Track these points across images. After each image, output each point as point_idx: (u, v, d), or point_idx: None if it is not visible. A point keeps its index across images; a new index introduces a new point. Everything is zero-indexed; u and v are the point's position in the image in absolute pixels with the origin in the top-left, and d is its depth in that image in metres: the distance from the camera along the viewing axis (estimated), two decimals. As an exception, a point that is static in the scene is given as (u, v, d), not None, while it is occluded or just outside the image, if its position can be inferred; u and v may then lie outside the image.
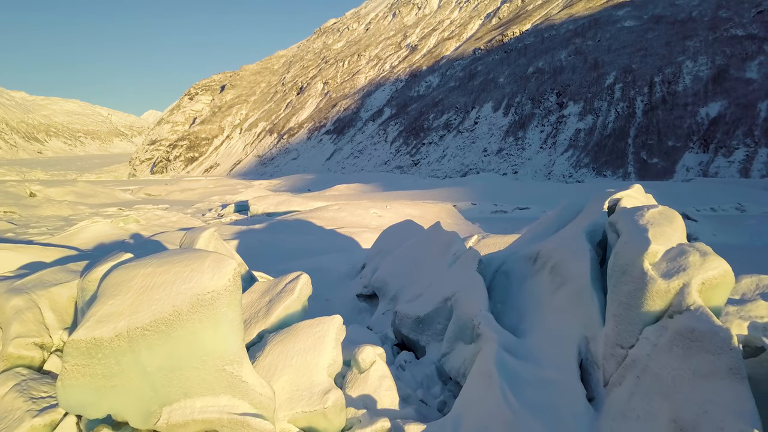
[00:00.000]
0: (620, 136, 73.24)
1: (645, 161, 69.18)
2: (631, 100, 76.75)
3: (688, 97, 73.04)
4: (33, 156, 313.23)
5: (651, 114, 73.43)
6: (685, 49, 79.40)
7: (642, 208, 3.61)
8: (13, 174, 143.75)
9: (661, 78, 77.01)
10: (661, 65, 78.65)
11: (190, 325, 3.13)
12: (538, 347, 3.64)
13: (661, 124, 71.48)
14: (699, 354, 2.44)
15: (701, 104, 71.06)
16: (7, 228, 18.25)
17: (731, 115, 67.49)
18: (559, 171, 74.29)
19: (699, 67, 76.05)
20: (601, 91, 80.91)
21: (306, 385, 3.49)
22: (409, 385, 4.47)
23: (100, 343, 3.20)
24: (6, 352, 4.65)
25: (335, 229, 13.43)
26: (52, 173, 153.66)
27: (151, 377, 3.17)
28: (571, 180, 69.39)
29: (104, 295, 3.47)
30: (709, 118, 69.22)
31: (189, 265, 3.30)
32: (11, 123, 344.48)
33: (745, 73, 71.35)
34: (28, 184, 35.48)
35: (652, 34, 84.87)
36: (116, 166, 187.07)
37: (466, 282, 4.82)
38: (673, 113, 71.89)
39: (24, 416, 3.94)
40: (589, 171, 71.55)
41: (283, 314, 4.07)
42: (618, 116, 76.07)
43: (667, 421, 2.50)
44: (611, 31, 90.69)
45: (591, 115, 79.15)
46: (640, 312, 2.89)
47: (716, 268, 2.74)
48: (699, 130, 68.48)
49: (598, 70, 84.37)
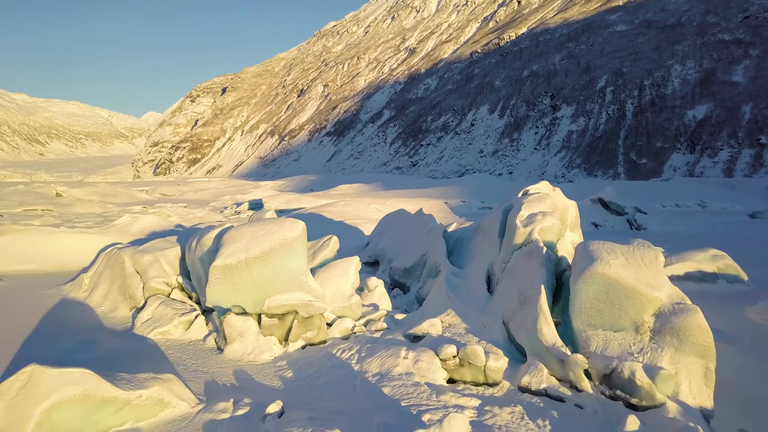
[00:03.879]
0: (611, 138, 75.87)
1: (634, 162, 71.72)
2: (621, 103, 79.44)
3: (676, 99, 75.57)
4: (35, 158, 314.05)
5: (640, 116, 76.05)
6: (674, 53, 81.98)
7: (529, 193, 6.42)
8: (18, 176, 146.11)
9: (650, 81, 79.68)
10: (651, 69, 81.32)
11: (279, 255, 5.89)
12: (469, 271, 6.45)
13: (650, 126, 74.09)
14: (530, 260, 5.22)
15: (689, 107, 73.57)
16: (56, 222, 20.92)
17: (717, 117, 69.79)
18: (553, 171, 76.85)
19: (687, 70, 78.58)
20: (593, 94, 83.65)
21: (339, 293, 6.26)
22: (398, 305, 7.25)
23: (230, 266, 5.98)
24: (148, 286, 7.46)
25: (343, 221, 16.25)
26: (57, 175, 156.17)
27: (258, 283, 5.94)
28: (562, 180, 71.90)
29: (227, 243, 6.26)
30: (695, 120, 71.54)
31: (277, 225, 6.05)
32: (13, 125, 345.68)
33: (731, 76, 73.81)
34: (54, 185, 38.21)
35: (643, 39, 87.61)
36: (119, 167, 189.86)
37: (435, 244, 7.62)
38: (662, 115, 74.47)
39: (173, 316, 6.73)
40: (580, 171, 74.16)
41: (323, 258, 6.84)
42: (609, 118, 78.75)
43: (516, 294, 5.27)
44: (603, 35, 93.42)
45: (583, 118, 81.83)
46: (512, 244, 5.68)
47: (547, 222, 5.53)
48: (686, 131, 70.88)
49: (590, 74, 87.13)
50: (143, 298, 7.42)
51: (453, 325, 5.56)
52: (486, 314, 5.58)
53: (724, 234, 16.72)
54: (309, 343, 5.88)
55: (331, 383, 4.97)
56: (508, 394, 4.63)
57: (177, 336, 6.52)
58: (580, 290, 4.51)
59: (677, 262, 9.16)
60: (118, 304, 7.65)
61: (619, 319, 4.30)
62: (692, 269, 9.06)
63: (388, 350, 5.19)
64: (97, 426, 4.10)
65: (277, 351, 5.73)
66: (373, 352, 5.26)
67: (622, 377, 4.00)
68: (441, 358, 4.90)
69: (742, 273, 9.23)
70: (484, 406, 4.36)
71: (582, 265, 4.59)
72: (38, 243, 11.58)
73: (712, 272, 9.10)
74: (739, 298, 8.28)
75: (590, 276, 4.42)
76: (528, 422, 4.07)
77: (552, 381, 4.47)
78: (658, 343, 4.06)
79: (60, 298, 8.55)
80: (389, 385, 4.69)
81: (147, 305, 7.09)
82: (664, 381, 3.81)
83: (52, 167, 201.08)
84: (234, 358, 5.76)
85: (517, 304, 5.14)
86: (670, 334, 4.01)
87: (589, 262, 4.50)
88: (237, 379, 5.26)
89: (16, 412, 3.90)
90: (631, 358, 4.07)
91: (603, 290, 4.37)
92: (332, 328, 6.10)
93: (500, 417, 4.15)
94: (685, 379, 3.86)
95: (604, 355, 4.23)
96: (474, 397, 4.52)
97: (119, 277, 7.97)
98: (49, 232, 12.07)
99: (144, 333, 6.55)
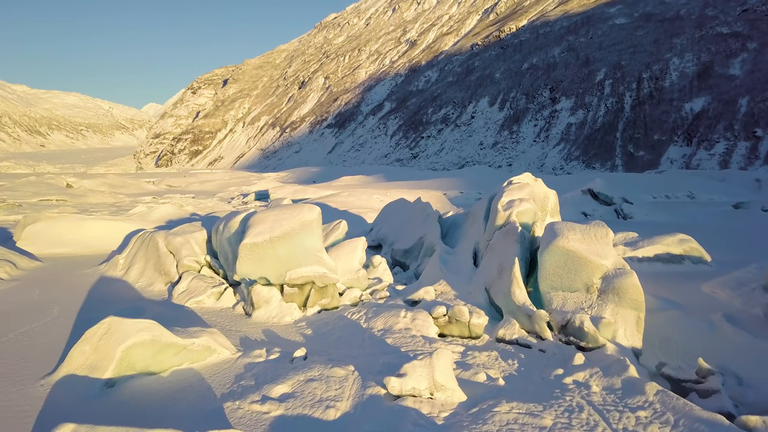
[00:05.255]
0: (609, 130, 76.59)
1: (632, 154, 72.49)
2: (620, 96, 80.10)
3: (674, 92, 76.13)
4: (36, 149, 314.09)
5: (638, 109, 76.70)
6: (673, 46, 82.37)
7: (512, 183, 7.51)
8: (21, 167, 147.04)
9: (648, 74, 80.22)
10: (650, 62, 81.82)
11: (299, 235, 7.00)
12: (459, 249, 7.60)
13: (648, 119, 74.77)
14: (507, 237, 6.33)
15: (686, 99, 74.14)
16: (73, 212, 22.00)
17: (714, 110, 70.31)
18: (551, 163, 77.70)
19: (685, 63, 79.02)
20: (591, 86, 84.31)
21: (349, 267, 7.39)
22: (398, 280, 8.39)
23: (256, 244, 7.09)
24: (182, 264, 8.59)
25: (347, 210, 17.35)
26: (60, 166, 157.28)
27: (280, 258, 7.05)
28: (561, 172, 72.83)
29: (254, 225, 7.36)
30: (693, 113, 72.06)
31: (296, 209, 7.16)
32: (14, 116, 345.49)
33: (728, 69, 74.22)
34: (64, 177, 39.30)
35: (642, 32, 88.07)
36: (121, 159, 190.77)
37: (431, 228, 8.75)
38: (660, 108, 75.11)
39: (205, 288, 7.86)
40: (579, 163, 74.99)
41: (334, 239, 7.97)
42: (607, 111, 79.45)
43: (496, 266, 6.39)
44: (603, 28, 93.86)
45: (582, 110, 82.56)
46: (494, 225, 6.80)
47: (523, 206, 6.64)
48: (683, 124, 71.49)
49: (589, 67, 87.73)
50: (177, 274, 8.55)
51: (444, 293, 6.69)
52: (471, 283, 6.71)
53: (704, 223, 17.83)
54: (324, 308, 7.01)
55: (344, 337, 6.10)
56: (487, 344, 5.75)
57: (210, 305, 7.65)
58: (545, 260, 5.62)
59: (648, 245, 10.25)
60: (154, 280, 8.77)
61: (575, 282, 5.40)
62: (661, 251, 10.16)
63: (390, 312, 6.31)
64: (162, 364, 5.23)
65: (297, 315, 6.86)
66: (378, 313, 6.39)
67: (575, 326, 5.11)
68: (433, 316, 6.03)
69: (706, 255, 10.33)
70: (467, 351, 5.49)
71: (547, 239, 5.69)
72: (70, 229, 12.70)
73: (679, 254, 10.20)
74: (700, 277, 9.38)
75: (553, 248, 5.53)
76: (501, 362, 5.20)
77: (522, 333, 5.59)
78: (603, 299, 5.17)
79: (99, 276, 9.67)
80: (391, 337, 5.82)
81: (182, 279, 8.22)
82: (605, 327, 4.92)
83: (54, 158, 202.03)
84: (261, 321, 6.89)
85: (496, 274, 6.25)
86: (612, 293, 5.12)
87: (553, 237, 5.61)
88: (265, 336, 6.39)
89: (101, 351, 5.03)
90: (582, 311, 5.19)
91: (563, 259, 5.47)
92: (343, 297, 7.23)
93: (479, 358, 5.28)
94: (621, 326, 4.97)
95: (562, 311, 5.34)
96: (459, 345, 5.65)
97: (154, 257, 9.09)
98: (79, 219, 13.18)
99: (181, 302, 7.68)
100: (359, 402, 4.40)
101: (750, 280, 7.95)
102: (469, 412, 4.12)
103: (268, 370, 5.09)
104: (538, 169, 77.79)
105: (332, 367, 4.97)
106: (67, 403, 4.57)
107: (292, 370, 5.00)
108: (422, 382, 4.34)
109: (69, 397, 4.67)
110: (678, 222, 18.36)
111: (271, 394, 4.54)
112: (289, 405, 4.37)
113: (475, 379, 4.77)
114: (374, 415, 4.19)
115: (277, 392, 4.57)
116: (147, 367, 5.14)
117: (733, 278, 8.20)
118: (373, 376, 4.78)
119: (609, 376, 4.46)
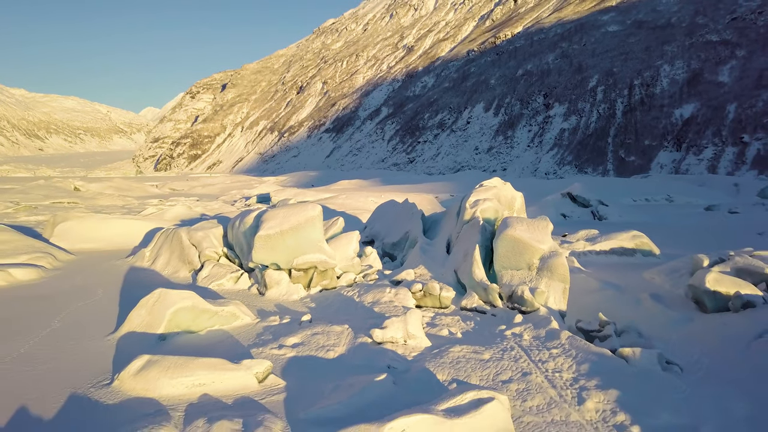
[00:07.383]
0: (601, 136, 78.43)
1: (623, 159, 74.25)
2: (611, 102, 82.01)
3: (664, 99, 77.99)
4: (34, 153, 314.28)
5: (630, 115, 78.58)
6: (664, 53, 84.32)
7: (482, 185, 9.10)
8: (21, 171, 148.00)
9: (640, 81, 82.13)
10: (641, 69, 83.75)
11: (305, 228, 8.56)
12: (436, 241, 9.19)
13: (639, 125, 76.61)
14: (472, 230, 7.90)
15: (676, 106, 75.97)
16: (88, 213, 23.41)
17: (702, 116, 72.02)
18: (545, 168, 79.40)
19: (675, 70, 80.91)
20: (584, 93, 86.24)
21: (345, 256, 8.95)
22: (387, 268, 9.98)
23: (269, 236, 8.65)
24: (204, 254, 10.14)
25: (344, 211, 18.95)
26: (59, 170, 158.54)
27: (289, 247, 8.60)
28: (553, 177, 74.45)
29: (266, 220, 8.92)
30: (682, 119, 73.80)
31: (302, 207, 8.73)
32: (12, 120, 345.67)
33: (717, 76, 76.03)
34: (72, 180, 40.76)
35: (634, 39, 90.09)
36: (120, 163, 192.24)
37: (415, 224, 10.33)
38: (650, 114, 76.97)
39: (225, 274, 9.40)
40: (571, 168, 76.73)
41: (332, 233, 9.56)
42: (599, 117, 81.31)
43: (462, 252, 7.94)
44: (596, 35, 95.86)
45: (575, 116, 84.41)
46: (463, 220, 8.37)
47: (485, 205, 8.22)
48: (673, 130, 73.24)
49: (582, 73, 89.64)
50: (200, 263, 10.09)
51: (422, 275, 8.25)
52: (444, 267, 8.28)
53: (672, 222, 19.44)
54: (324, 288, 8.56)
55: (341, 308, 7.65)
56: (452, 312, 7.32)
57: (229, 287, 9.19)
58: (498, 246, 7.18)
59: (605, 241, 11.86)
60: (179, 268, 10.31)
61: (519, 263, 6.96)
62: (616, 246, 11.76)
63: (378, 289, 7.86)
64: (200, 325, 6.77)
65: (302, 293, 8.41)
66: (368, 291, 7.94)
67: (518, 295, 6.67)
68: (412, 291, 7.57)
69: (656, 249, 11.94)
70: (436, 317, 7.05)
71: (501, 230, 7.26)
72: (97, 227, 14.22)
73: (631, 248, 11.80)
74: (646, 267, 10.95)
75: (504, 237, 7.10)
76: (461, 323, 6.76)
77: (480, 302, 7.14)
78: (540, 275, 6.73)
79: (129, 266, 11.20)
80: (378, 306, 7.37)
81: (204, 267, 9.76)
82: (539, 296, 6.48)
83: (52, 162, 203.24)
84: (272, 298, 8.43)
85: (462, 258, 7.82)
86: (546, 269, 6.68)
87: (504, 228, 7.18)
88: (277, 308, 7.94)
89: (154, 314, 6.57)
90: (524, 284, 6.75)
91: (511, 245, 7.03)
92: (340, 279, 8.79)
93: (444, 321, 6.84)
94: (551, 295, 6.52)
95: (510, 284, 6.90)
96: (431, 312, 7.22)
97: (178, 249, 10.63)
98: (104, 218, 14.70)
99: (205, 285, 9.21)
100: (351, 347, 5.95)
101: (682, 268, 9.54)
102: (432, 352, 5.68)
103: (282, 329, 6.64)
104: (532, 173, 79.45)
105: (332, 326, 6.52)
106: (133, 348, 6.11)
107: (301, 328, 6.55)
108: (398, 332, 5.90)
109: (133, 345, 6.20)
110: (647, 222, 19.96)
111: (286, 343, 6.08)
112: (300, 350, 5.92)
113: (440, 333, 6.34)
114: (362, 354, 5.74)
115: (290, 342, 6.11)
116: (188, 326, 6.67)
117: (669, 267, 9.80)
118: (363, 331, 6.33)
119: (537, 328, 6.03)
